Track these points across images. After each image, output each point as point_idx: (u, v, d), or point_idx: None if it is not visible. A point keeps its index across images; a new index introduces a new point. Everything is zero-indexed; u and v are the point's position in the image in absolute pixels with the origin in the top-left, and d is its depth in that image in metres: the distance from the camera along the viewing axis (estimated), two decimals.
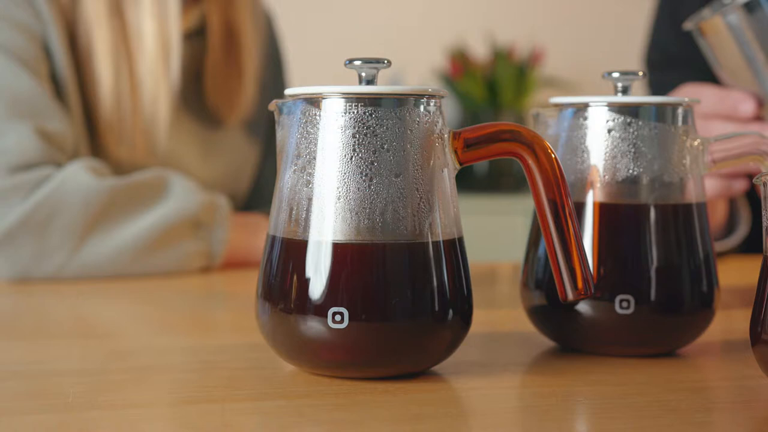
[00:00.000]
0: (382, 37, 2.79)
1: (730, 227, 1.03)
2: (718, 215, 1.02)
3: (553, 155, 0.56)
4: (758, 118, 0.86)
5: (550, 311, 0.64)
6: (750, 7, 0.81)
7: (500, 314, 0.78)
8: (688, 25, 0.86)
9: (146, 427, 0.49)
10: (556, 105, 0.65)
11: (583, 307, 0.62)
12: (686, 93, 0.94)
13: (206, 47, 1.18)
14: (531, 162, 0.56)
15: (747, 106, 0.85)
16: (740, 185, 0.93)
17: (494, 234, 2.30)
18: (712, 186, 0.91)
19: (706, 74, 0.99)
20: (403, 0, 2.84)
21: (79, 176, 0.95)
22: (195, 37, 1.18)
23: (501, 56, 2.68)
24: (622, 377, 0.58)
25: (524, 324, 0.68)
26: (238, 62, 1.18)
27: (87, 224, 0.94)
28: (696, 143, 0.63)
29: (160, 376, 0.58)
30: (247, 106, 1.21)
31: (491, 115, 2.63)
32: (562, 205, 0.56)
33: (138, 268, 0.96)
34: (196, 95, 1.19)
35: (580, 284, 0.57)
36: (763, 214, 0.52)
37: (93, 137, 1.09)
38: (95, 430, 0.48)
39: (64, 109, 1.04)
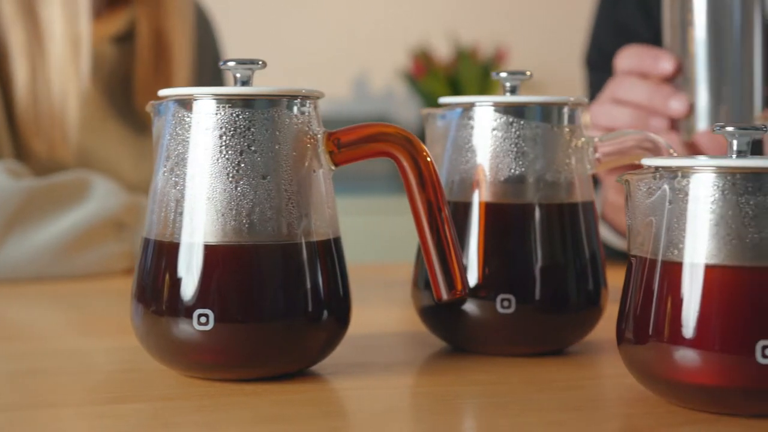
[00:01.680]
0: (346, 39, 2.79)
1: None
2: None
3: (427, 156, 0.56)
4: (671, 80, 0.86)
5: (439, 311, 0.64)
6: None
7: (397, 315, 0.78)
8: None
9: None
10: (445, 105, 0.65)
11: (468, 306, 0.62)
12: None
13: (135, 52, 1.18)
14: (405, 163, 0.56)
15: (667, 65, 0.86)
16: None
17: None
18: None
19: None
20: (367, 1, 2.84)
21: None
22: (124, 42, 1.18)
23: (464, 56, 2.69)
24: (502, 376, 0.58)
25: (420, 324, 0.68)
26: (167, 68, 1.18)
27: (3, 225, 0.94)
28: (581, 142, 0.63)
29: (40, 379, 0.57)
30: None
31: None
32: (437, 206, 0.56)
33: (59, 270, 0.96)
34: (126, 100, 1.19)
35: (458, 285, 0.57)
36: (626, 213, 0.53)
37: (15, 137, 1.08)
38: None
39: None
